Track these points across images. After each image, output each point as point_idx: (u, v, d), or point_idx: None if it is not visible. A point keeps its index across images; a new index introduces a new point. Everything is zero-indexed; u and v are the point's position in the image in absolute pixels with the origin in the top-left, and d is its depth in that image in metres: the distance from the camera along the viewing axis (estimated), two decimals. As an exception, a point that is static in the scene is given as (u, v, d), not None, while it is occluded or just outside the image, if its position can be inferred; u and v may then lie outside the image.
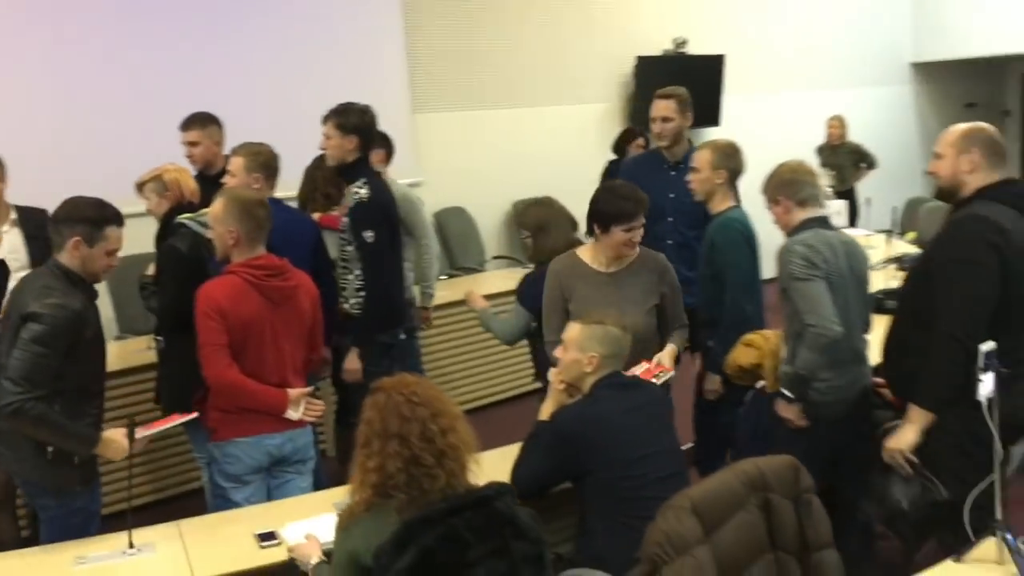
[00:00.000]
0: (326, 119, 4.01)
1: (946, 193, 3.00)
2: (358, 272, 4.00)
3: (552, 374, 2.97)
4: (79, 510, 2.96)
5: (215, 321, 3.09)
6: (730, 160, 3.69)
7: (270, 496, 3.24)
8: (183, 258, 3.48)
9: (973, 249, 2.80)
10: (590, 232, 3.38)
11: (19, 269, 3.84)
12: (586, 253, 3.41)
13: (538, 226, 3.77)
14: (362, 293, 4.00)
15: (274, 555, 2.68)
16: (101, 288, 3.21)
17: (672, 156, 4.36)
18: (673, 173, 4.25)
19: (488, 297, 4.23)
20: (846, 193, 8.08)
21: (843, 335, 3.04)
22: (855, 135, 8.61)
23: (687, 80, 8.13)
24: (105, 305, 4.34)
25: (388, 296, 4.15)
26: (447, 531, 2.12)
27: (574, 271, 3.37)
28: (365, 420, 2.26)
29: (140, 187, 3.84)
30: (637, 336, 3.12)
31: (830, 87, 9.39)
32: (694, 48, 8.33)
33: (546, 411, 2.95)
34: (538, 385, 3.78)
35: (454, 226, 7.11)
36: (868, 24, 9.80)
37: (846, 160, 8.38)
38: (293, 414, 3.21)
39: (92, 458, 3.00)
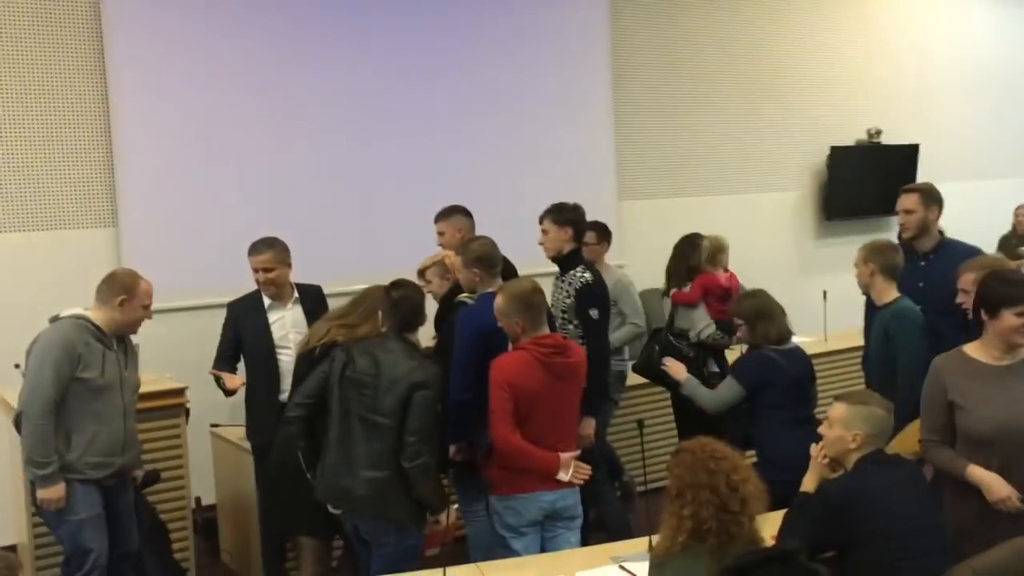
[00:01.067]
0: (543, 217, 4.54)
1: None
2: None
3: (815, 449, 3.25)
4: (411, 547, 3.48)
5: (505, 391, 3.52)
6: (880, 256, 4.07)
7: (543, 548, 3.62)
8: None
9: None
10: (978, 323, 3.32)
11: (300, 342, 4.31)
12: (973, 348, 3.32)
13: (756, 314, 4.16)
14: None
15: (571, 598, 3.06)
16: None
17: (920, 247, 4.46)
18: (923, 264, 4.41)
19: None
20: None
21: None
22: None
23: (881, 168, 8.44)
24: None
25: (609, 367, 4.61)
26: (761, 578, 2.44)
27: (961, 367, 3.30)
28: (675, 476, 2.66)
29: (423, 272, 4.41)
30: None
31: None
32: (888, 138, 8.52)
33: (809, 483, 3.23)
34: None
35: (654, 307, 7.45)
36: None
37: (1031, 251, 8.30)
38: (563, 476, 3.58)
39: None
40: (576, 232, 4.52)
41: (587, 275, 4.46)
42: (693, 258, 5.60)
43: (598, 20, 7.22)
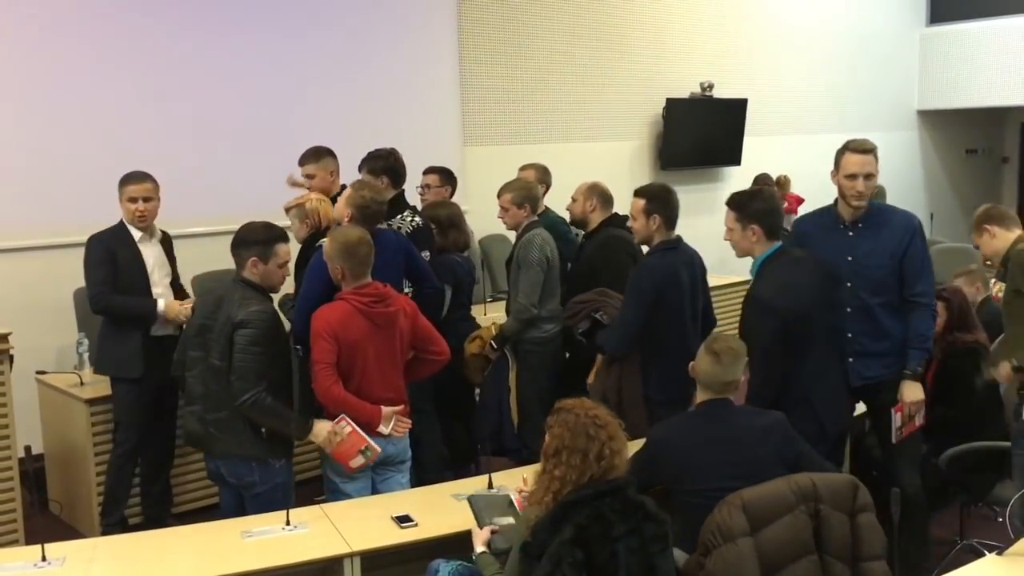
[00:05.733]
0: (360, 166, 4.56)
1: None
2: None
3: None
4: (281, 484, 3.51)
5: (327, 342, 3.53)
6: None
7: (375, 490, 3.69)
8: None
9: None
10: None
11: None
12: None
13: (449, 222, 4.74)
14: None
15: (414, 534, 3.15)
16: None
17: (852, 216, 3.76)
18: (851, 234, 3.76)
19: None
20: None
21: None
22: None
23: (713, 121, 8.81)
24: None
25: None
26: (594, 512, 2.60)
27: None
28: (555, 435, 2.70)
29: (287, 212, 4.41)
30: None
31: (843, 131, 9.91)
32: (720, 92, 8.90)
33: None
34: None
35: (497, 252, 7.58)
36: (879, 73, 10.42)
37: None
38: (383, 429, 3.62)
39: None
40: (393, 179, 4.52)
41: (417, 219, 4.50)
42: None
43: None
